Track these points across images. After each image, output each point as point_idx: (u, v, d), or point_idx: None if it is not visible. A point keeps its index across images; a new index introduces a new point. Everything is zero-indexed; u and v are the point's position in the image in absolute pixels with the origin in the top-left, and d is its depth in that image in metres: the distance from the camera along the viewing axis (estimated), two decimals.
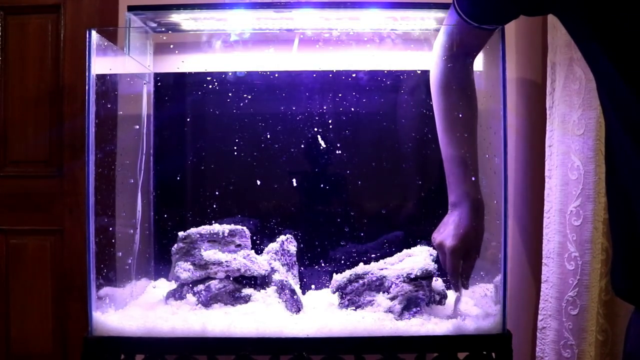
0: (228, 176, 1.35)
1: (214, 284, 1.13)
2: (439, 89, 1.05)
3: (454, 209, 1.04)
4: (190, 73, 1.38)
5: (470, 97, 1.05)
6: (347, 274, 1.14)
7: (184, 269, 1.13)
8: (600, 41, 0.72)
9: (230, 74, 1.34)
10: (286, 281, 1.15)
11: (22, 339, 1.48)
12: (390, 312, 1.07)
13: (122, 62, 1.26)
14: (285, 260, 1.24)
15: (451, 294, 1.14)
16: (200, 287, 1.13)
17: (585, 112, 1.24)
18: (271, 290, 1.15)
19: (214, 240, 1.20)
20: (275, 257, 1.22)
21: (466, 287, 1.07)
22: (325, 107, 1.35)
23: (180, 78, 1.39)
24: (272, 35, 1.37)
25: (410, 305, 1.08)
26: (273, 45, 1.36)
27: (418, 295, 1.08)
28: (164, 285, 1.28)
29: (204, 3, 1.29)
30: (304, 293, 1.26)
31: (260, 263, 1.18)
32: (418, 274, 1.08)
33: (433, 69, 1.06)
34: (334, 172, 1.37)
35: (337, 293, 1.15)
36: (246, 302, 1.14)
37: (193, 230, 1.18)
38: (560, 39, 1.29)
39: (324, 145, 1.35)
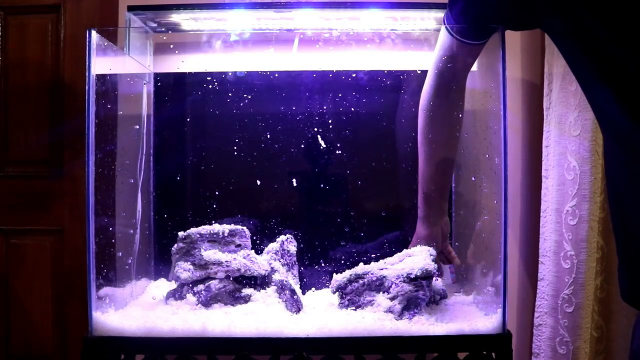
0: (228, 176, 1.35)
1: (214, 284, 1.13)
2: (427, 105, 1.10)
3: (423, 222, 1.16)
4: (190, 73, 1.38)
5: (456, 119, 1.10)
6: (347, 274, 1.14)
7: (184, 269, 1.13)
8: (590, 61, 0.74)
9: (230, 74, 1.34)
10: (286, 281, 1.15)
11: (22, 339, 1.48)
12: (390, 312, 1.07)
13: (122, 62, 1.26)
14: (285, 260, 1.24)
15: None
16: (200, 287, 1.13)
17: (582, 114, 1.26)
18: (271, 290, 1.15)
19: (214, 240, 1.20)
20: (275, 257, 1.22)
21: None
22: (325, 107, 1.35)
23: (180, 78, 1.39)
24: (272, 35, 1.37)
25: (410, 305, 1.08)
26: (273, 45, 1.36)
27: (418, 295, 1.08)
28: (164, 286, 1.28)
29: (204, 3, 1.29)
30: (304, 293, 1.26)
31: (260, 263, 1.18)
32: (418, 274, 1.08)
33: (425, 88, 1.11)
34: (334, 172, 1.37)
35: (337, 293, 1.15)
36: (246, 302, 1.14)
37: (193, 230, 1.18)
38: None
39: (324, 146, 1.35)
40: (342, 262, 1.33)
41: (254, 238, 1.29)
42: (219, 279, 1.14)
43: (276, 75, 1.34)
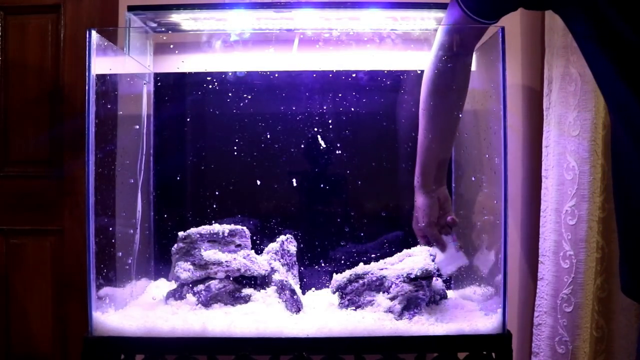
0: (228, 176, 1.35)
1: (214, 284, 1.13)
2: (430, 75, 1.07)
3: (419, 192, 1.12)
4: (190, 73, 1.38)
5: (460, 91, 1.07)
6: (347, 274, 1.14)
7: (184, 269, 1.13)
8: (599, 42, 0.73)
9: (230, 74, 1.35)
10: (286, 281, 1.15)
11: (22, 339, 1.48)
12: (390, 312, 1.07)
13: (122, 62, 1.26)
14: (285, 260, 1.24)
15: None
16: (200, 287, 1.13)
17: (581, 114, 1.26)
18: (271, 290, 1.15)
19: (214, 240, 1.20)
20: (275, 257, 1.22)
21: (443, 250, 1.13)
22: (325, 107, 1.35)
23: (180, 78, 1.39)
24: (272, 35, 1.37)
25: (410, 305, 1.08)
26: (273, 45, 1.36)
27: (418, 295, 1.08)
28: (164, 286, 1.28)
29: (204, 3, 1.29)
30: (304, 293, 1.26)
31: (260, 263, 1.18)
32: (418, 274, 1.08)
33: (430, 56, 1.08)
34: (334, 172, 1.37)
35: (337, 293, 1.15)
36: (246, 302, 1.14)
37: (193, 230, 1.18)
38: (557, 42, 1.30)
39: (324, 145, 1.35)
40: (342, 262, 1.33)
41: (254, 238, 1.29)
42: (219, 279, 1.14)
43: (276, 75, 1.34)
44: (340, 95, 1.35)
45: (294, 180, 1.35)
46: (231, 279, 1.16)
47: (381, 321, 1.04)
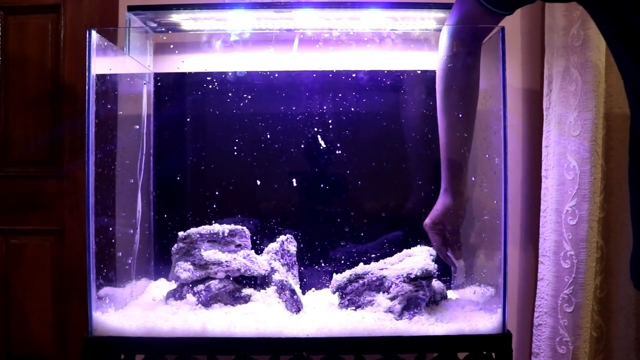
0: (228, 176, 1.35)
1: (214, 284, 1.13)
2: (444, 72, 1.06)
3: (449, 193, 1.09)
4: (190, 73, 1.38)
5: (474, 84, 1.06)
6: (347, 274, 1.14)
7: (184, 269, 1.13)
8: (623, 42, 0.73)
9: (230, 74, 1.35)
10: (286, 281, 1.15)
11: (22, 339, 1.48)
12: (390, 312, 1.07)
13: (122, 62, 1.26)
14: (285, 260, 1.24)
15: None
16: (200, 287, 1.13)
17: (582, 114, 1.26)
18: (271, 290, 1.15)
19: (214, 240, 1.20)
20: (275, 257, 1.22)
21: (458, 258, 1.12)
22: (325, 107, 1.35)
23: (180, 78, 1.39)
24: (272, 35, 1.37)
25: (410, 305, 1.08)
26: (273, 45, 1.36)
27: (418, 295, 1.08)
28: (164, 286, 1.28)
29: (204, 3, 1.29)
30: (304, 293, 1.26)
31: (260, 263, 1.18)
32: (418, 274, 1.08)
33: (442, 50, 1.06)
34: (334, 172, 1.37)
35: (337, 293, 1.15)
36: (246, 302, 1.14)
37: (193, 230, 1.18)
38: (557, 41, 1.30)
39: (324, 145, 1.35)
40: (342, 262, 1.33)
41: (254, 238, 1.29)
42: (219, 279, 1.14)
43: (276, 75, 1.34)
44: (340, 95, 1.35)
45: (294, 180, 1.35)
46: (231, 279, 1.16)
47: (381, 321, 1.04)
